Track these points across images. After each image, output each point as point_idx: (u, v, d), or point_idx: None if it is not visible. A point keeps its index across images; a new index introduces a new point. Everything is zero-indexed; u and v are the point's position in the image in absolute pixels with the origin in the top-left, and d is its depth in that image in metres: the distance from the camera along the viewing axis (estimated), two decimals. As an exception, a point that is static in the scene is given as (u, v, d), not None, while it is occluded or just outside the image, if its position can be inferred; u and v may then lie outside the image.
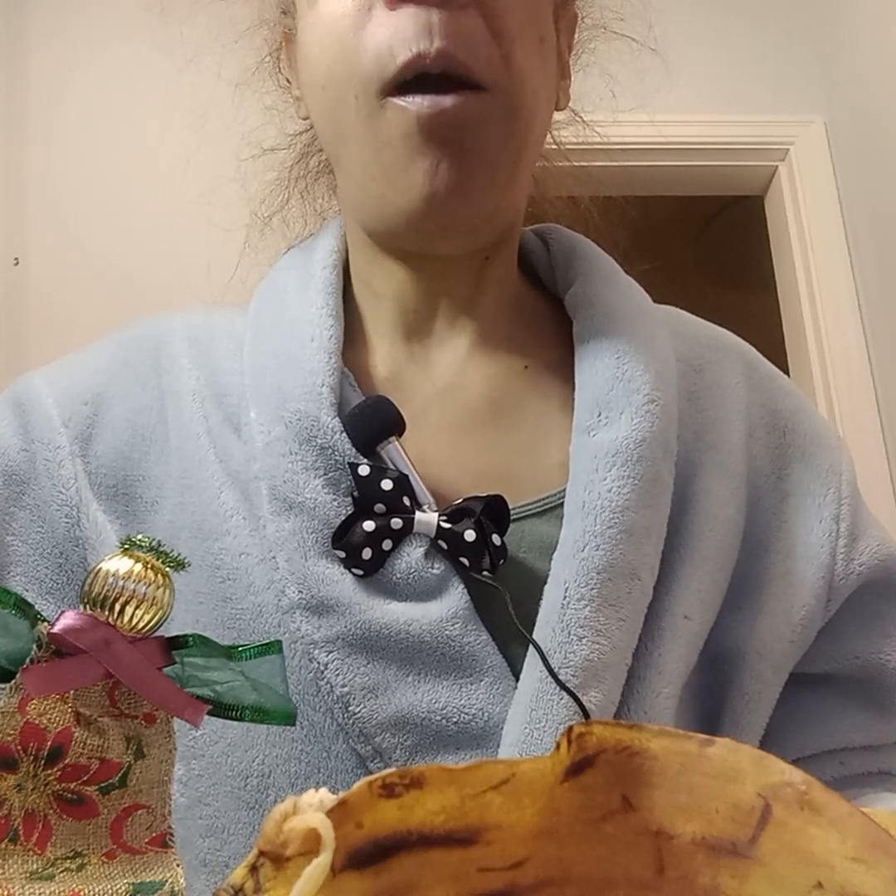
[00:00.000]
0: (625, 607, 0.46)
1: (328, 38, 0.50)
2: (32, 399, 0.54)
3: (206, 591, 0.49)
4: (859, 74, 1.99)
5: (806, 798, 0.23)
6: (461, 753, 0.45)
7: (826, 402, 1.90)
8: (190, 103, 1.13)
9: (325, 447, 0.48)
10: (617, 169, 0.69)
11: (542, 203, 0.66)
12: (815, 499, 0.55)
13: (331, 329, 0.52)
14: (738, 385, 0.57)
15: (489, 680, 0.46)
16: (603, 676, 0.45)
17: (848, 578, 0.53)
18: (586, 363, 0.53)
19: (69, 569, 0.50)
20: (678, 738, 0.24)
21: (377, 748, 0.45)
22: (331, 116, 0.51)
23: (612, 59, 0.63)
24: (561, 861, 0.24)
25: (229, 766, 0.47)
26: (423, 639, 0.45)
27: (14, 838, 0.28)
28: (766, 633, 0.51)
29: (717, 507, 0.52)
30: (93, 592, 0.29)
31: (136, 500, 0.52)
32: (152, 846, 0.29)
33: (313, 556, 0.47)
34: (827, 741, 0.54)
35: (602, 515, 0.47)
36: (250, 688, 0.32)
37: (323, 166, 0.65)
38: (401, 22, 0.47)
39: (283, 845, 0.21)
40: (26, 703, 0.28)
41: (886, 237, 1.87)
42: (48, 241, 1.88)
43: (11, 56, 1.96)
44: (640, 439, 0.49)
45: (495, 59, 0.48)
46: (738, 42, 2.09)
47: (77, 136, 1.93)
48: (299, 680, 0.46)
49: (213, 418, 0.52)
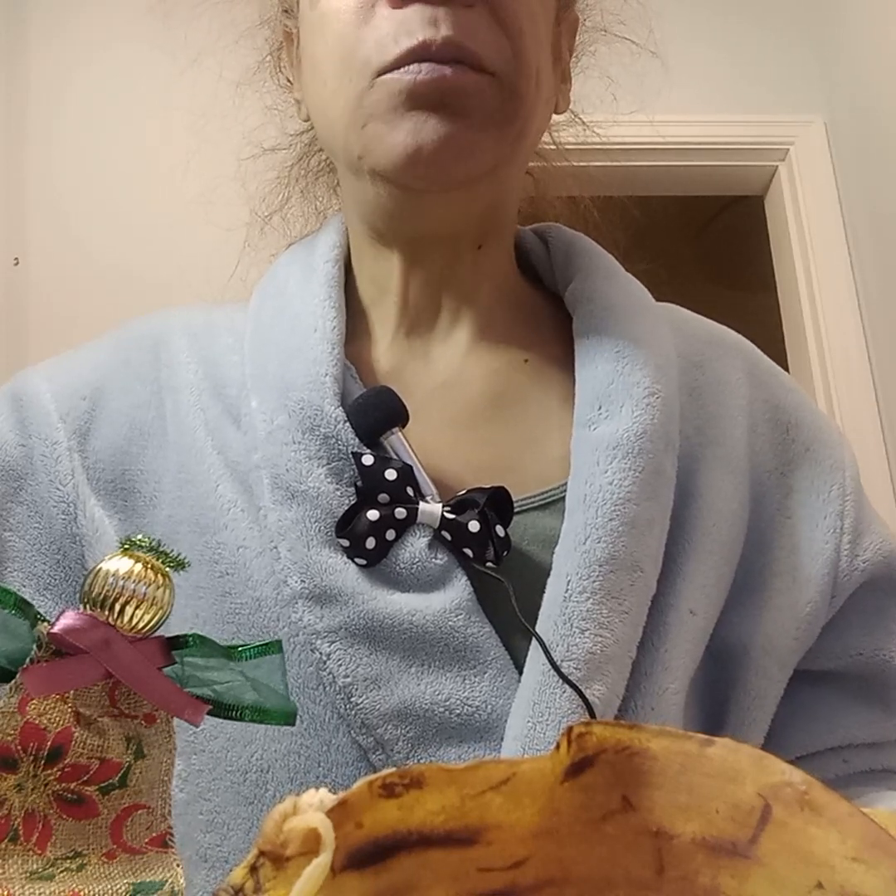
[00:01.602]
0: (628, 599, 0.46)
1: (330, 37, 0.50)
2: (30, 394, 0.54)
3: (206, 585, 0.49)
4: (859, 74, 1.99)
5: (806, 798, 0.23)
6: (464, 746, 0.45)
7: (826, 401, 1.90)
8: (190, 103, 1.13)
9: (329, 436, 0.48)
10: (617, 169, 0.70)
11: (541, 203, 0.66)
12: (819, 495, 0.55)
13: (333, 321, 0.52)
14: (739, 381, 0.57)
15: (492, 672, 0.46)
16: (606, 669, 0.45)
17: (852, 575, 0.53)
18: (586, 358, 0.53)
19: (67, 565, 0.50)
20: (678, 738, 0.24)
21: (379, 740, 0.45)
22: (330, 111, 0.51)
23: (612, 61, 0.63)
24: (561, 861, 0.24)
25: (229, 762, 0.47)
26: (426, 629, 0.45)
27: (14, 838, 0.28)
28: (771, 629, 0.52)
29: (720, 501, 0.52)
30: (93, 592, 0.29)
31: (135, 495, 0.52)
32: (152, 846, 0.29)
33: (316, 545, 0.47)
34: (830, 738, 0.54)
35: (603, 508, 0.47)
36: (250, 687, 0.32)
37: (323, 166, 0.65)
38: (406, 16, 0.47)
39: (283, 845, 0.21)
40: (26, 703, 0.28)
41: (886, 237, 1.87)
42: (48, 241, 1.88)
43: (11, 56, 1.96)
44: (640, 432, 0.49)
45: (504, 50, 0.48)
46: (737, 42, 2.09)
47: (77, 136, 1.93)
48: (300, 672, 0.46)
49: (210, 410, 0.52)
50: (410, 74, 0.47)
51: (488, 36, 0.48)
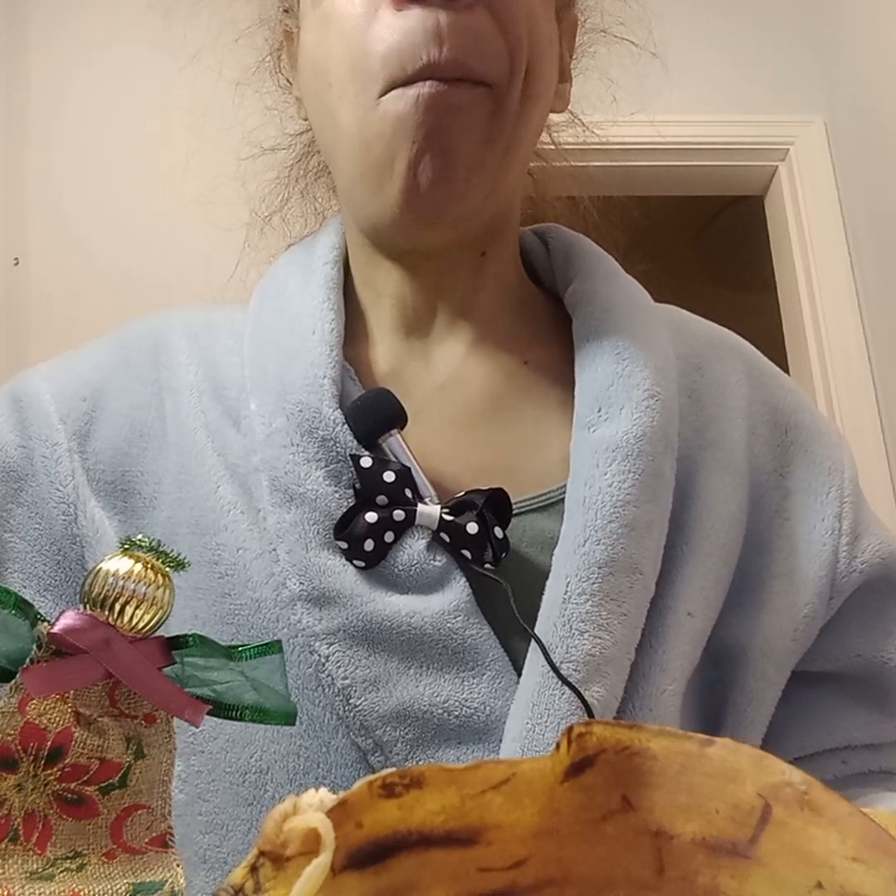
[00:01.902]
0: (626, 602, 0.46)
1: (333, 38, 0.50)
2: (30, 395, 0.54)
3: (205, 586, 0.49)
4: (859, 75, 1.99)
5: (806, 798, 0.23)
6: (462, 748, 0.45)
7: (826, 401, 1.90)
8: (190, 103, 1.13)
9: (327, 439, 0.48)
10: (616, 169, 0.70)
11: (541, 203, 0.66)
12: (817, 496, 0.55)
13: (332, 323, 0.52)
14: (738, 383, 0.57)
15: (491, 674, 0.46)
16: (605, 671, 0.45)
17: (850, 576, 0.53)
18: (586, 360, 0.53)
19: (67, 566, 0.50)
20: (678, 738, 0.24)
21: (378, 741, 0.45)
22: (329, 116, 0.51)
23: (612, 62, 0.63)
24: (561, 861, 0.24)
25: (228, 763, 0.47)
26: (424, 631, 0.45)
27: (14, 838, 0.28)
28: (769, 631, 0.52)
29: (719, 503, 0.52)
30: (93, 592, 0.29)
31: (135, 496, 0.52)
32: (152, 846, 0.29)
33: (315, 547, 0.47)
34: (829, 740, 0.54)
35: (603, 510, 0.47)
36: (250, 687, 0.32)
37: (323, 166, 0.65)
38: (408, 24, 0.47)
39: (283, 845, 0.21)
40: (26, 703, 0.28)
41: (886, 237, 1.87)
42: (48, 241, 1.88)
43: (11, 56, 1.96)
44: (640, 434, 0.49)
45: (503, 57, 0.49)
46: (737, 42, 2.09)
47: (77, 136, 1.93)
48: (299, 674, 0.46)
49: (210, 412, 0.52)
50: (414, 89, 0.47)
51: (489, 44, 0.48)
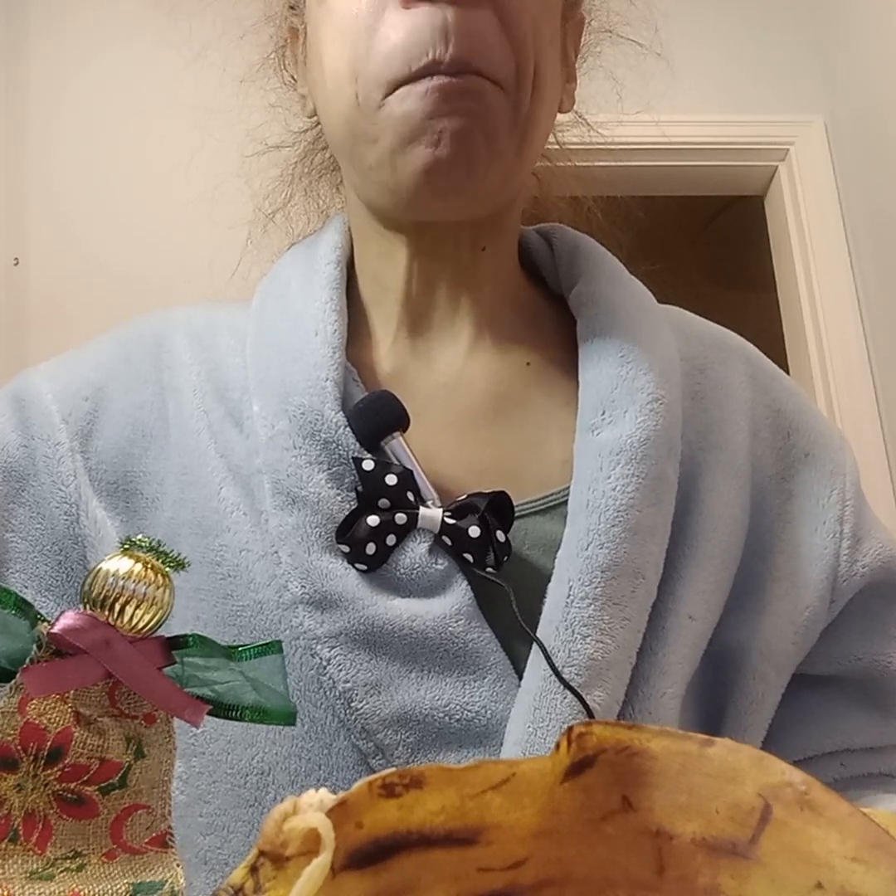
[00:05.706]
0: (629, 606, 0.46)
1: (339, 36, 0.50)
2: (32, 395, 0.54)
3: (207, 587, 0.49)
4: (860, 75, 1.99)
5: (806, 798, 0.23)
6: (464, 751, 0.45)
7: (826, 402, 1.90)
8: (194, 100, 1.13)
9: (329, 441, 0.48)
10: (619, 169, 0.70)
11: (545, 203, 0.66)
12: (818, 500, 0.54)
13: (335, 324, 0.52)
14: (742, 385, 0.57)
15: (492, 678, 0.46)
16: (607, 675, 0.45)
17: (851, 580, 0.53)
18: (590, 362, 0.53)
19: (68, 566, 0.50)
20: (678, 738, 0.24)
21: (379, 745, 0.45)
22: (338, 113, 0.51)
23: (617, 62, 0.63)
24: (561, 861, 0.24)
25: (229, 764, 0.47)
26: (426, 635, 0.45)
27: (14, 838, 0.28)
28: (769, 634, 0.51)
29: (721, 506, 0.52)
30: (93, 592, 0.29)
31: (137, 497, 0.52)
32: (152, 846, 0.29)
33: (316, 550, 0.47)
34: (828, 742, 0.54)
35: (606, 514, 0.47)
36: (250, 688, 0.32)
37: (326, 164, 0.65)
38: (415, 22, 0.47)
39: (283, 845, 0.21)
40: (26, 703, 0.28)
41: (886, 237, 1.87)
42: (48, 241, 1.88)
43: (11, 56, 1.96)
44: (644, 438, 0.49)
45: (508, 57, 0.48)
46: (738, 43, 2.09)
47: (77, 136, 1.93)
48: (300, 676, 0.46)
49: (213, 413, 0.52)
50: (422, 84, 0.47)
51: (494, 44, 0.48)
